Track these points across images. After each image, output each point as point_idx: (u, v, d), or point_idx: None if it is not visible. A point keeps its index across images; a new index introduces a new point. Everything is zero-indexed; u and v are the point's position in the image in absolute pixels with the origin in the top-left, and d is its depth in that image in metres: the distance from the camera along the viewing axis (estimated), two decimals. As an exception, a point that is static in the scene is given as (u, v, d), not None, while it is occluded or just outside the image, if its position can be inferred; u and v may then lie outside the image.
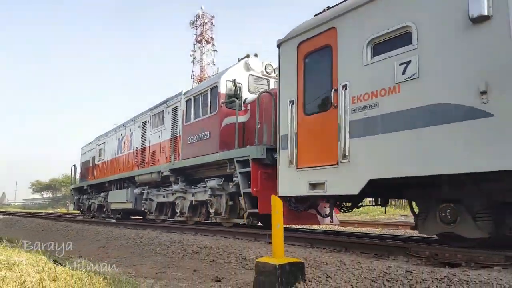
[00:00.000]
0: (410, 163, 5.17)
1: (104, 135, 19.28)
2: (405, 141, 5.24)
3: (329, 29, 6.55)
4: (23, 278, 3.41)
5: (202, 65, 57.88)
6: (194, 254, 7.41)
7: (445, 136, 4.81)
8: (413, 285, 4.20)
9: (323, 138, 6.50)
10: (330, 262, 5.28)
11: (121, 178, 15.89)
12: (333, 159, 6.20)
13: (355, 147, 5.89)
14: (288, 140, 7.10)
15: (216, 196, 10.08)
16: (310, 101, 6.95)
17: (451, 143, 4.75)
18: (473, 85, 4.58)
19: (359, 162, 5.84)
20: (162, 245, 8.51)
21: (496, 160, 4.34)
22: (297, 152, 6.94)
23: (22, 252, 5.49)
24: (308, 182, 6.60)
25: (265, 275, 4.32)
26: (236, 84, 10.16)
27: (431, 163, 4.92)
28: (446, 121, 4.81)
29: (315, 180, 6.51)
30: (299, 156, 6.91)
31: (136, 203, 14.29)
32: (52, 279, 3.67)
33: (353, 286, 4.26)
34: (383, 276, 4.43)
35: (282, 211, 4.56)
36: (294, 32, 7.31)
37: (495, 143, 4.38)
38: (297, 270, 4.46)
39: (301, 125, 6.96)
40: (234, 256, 6.63)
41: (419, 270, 4.44)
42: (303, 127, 6.92)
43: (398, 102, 5.35)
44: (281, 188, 7.24)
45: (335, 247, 6.59)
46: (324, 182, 6.34)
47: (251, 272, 5.47)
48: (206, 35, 58.75)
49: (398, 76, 5.38)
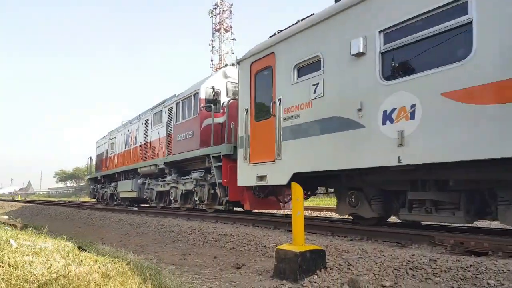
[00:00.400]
0: (321, 161, 6.75)
1: (115, 130, 20.82)
2: (316, 144, 6.83)
3: (270, 53, 8.20)
4: (49, 263, 3.49)
5: (221, 54, 57.74)
6: (214, 241, 7.46)
7: (340, 141, 6.41)
8: (437, 273, 4.12)
9: (266, 140, 8.12)
10: (351, 250, 5.23)
11: (128, 169, 17.67)
12: (272, 156, 7.87)
13: (285, 148, 7.55)
14: (244, 141, 8.80)
15: (200, 185, 11.71)
16: (258, 110, 8.59)
17: (343, 146, 6.34)
18: (355, 104, 6.14)
19: (287, 159, 7.49)
20: (182, 233, 8.60)
21: (365, 160, 5.98)
22: (249, 151, 8.64)
23: (48, 238, 5.61)
24: (256, 175, 8.31)
25: (285, 262, 4.30)
26: (214, 91, 12.00)
27: (351, 160, 6.24)
28: (340, 129, 6.40)
29: (261, 173, 8.21)
30: (251, 154, 8.60)
31: (139, 192, 16.09)
32: (77, 264, 3.74)
33: (375, 274, 4.20)
34: (406, 264, 4.37)
35: (302, 198, 4.53)
36: (249, 53, 8.95)
37: (364, 148, 6.01)
38: (318, 258, 4.43)
39: (252, 129, 8.64)
40: (254, 244, 6.64)
41: (444, 259, 4.36)
42: (254, 131, 8.60)
43: (311, 114, 7.00)
44: (239, 179, 8.98)
45: (357, 235, 6.53)
46: (266, 175, 8.06)
47: (271, 260, 5.47)
48: (224, 24, 58.49)
49: (311, 94, 7.01)
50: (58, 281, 2.96)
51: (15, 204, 32.25)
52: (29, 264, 3.32)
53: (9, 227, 8.26)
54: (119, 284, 3.20)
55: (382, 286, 3.92)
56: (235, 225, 9.00)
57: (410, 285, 3.99)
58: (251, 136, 8.63)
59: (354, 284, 3.84)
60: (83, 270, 3.47)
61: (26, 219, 15.82)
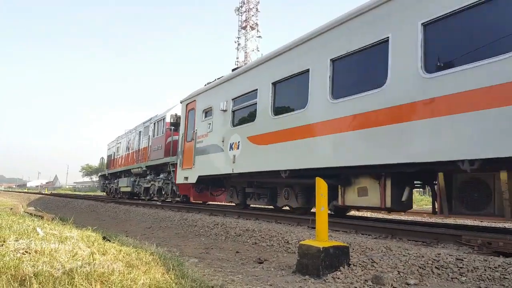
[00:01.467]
0: (211, 169, 11.39)
1: (120, 136, 25.33)
2: (210, 158, 11.45)
3: (193, 100, 13.12)
4: (74, 251, 3.55)
5: (247, 51, 57.71)
6: (236, 236, 7.46)
7: (217, 157, 11.07)
8: (464, 273, 4.01)
9: (189, 154, 12.81)
10: (375, 248, 5.14)
11: (126, 169, 22.18)
12: (191, 165, 12.48)
13: (197, 160, 12.21)
14: (180, 154, 13.62)
15: (166, 184, 16.39)
16: (188, 135, 13.29)
17: (218, 160, 10.95)
18: (222, 138, 10.85)
19: (197, 167, 12.14)
20: (205, 227, 8.65)
21: (226, 170, 10.53)
22: (182, 160, 13.33)
23: (73, 229, 5.71)
24: (184, 176, 12.96)
25: (308, 257, 4.25)
26: (176, 117, 16.57)
27: (219, 170, 10.94)
28: (218, 151, 11.05)
29: (186, 175, 12.85)
30: (183, 162, 13.25)
31: (133, 187, 20.53)
32: (101, 253, 3.79)
33: (400, 272, 4.11)
34: (432, 263, 4.26)
35: (326, 193, 4.47)
36: (185, 98, 13.84)
37: (225, 163, 10.57)
38: (342, 254, 4.36)
39: (184, 147, 13.39)
40: (277, 240, 6.61)
41: (471, 258, 4.23)
42: (185, 148, 13.34)
43: (207, 141, 11.72)
44: (177, 179, 13.64)
45: (381, 233, 6.42)
46: (188, 176, 12.68)
47: (293, 256, 5.43)
48: (251, 21, 58.40)
49: (208, 129, 11.78)
50: (83, 268, 3.00)
51: (42, 197, 33.16)
52: (55, 251, 3.39)
53: (36, 218, 8.47)
54: (142, 273, 3.22)
55: (407, 284, 3.83)
56: (258, 221, 8.99)
57: (435, 284, 3.89)
58: (183, 151, 13.39)
59: (378, 281, 3.76)
60: (107, 259, 3.51)
61: (52, 211, 16.20)
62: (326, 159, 7.42)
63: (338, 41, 7.38)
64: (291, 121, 8.38)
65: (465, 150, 5.19)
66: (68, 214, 14.60)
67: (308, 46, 8.19)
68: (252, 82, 9.92)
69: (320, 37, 7.87)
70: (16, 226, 4.50)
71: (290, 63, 8.61)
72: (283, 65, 8.86)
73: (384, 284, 3.74)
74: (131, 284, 2.86)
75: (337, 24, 7.43)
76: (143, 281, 3.00)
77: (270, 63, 9.40)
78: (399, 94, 6.10)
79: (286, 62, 8.80)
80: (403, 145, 5.95)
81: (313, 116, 7.84)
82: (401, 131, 6.00)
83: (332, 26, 7.56)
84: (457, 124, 5.26)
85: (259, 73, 9.78)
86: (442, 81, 5.50)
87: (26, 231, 4.12)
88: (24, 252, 3.23)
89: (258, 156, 9.25)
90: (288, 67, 8.65)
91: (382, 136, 6.28)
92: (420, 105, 5.76)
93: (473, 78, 5.15)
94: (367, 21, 6.81)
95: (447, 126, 5.37)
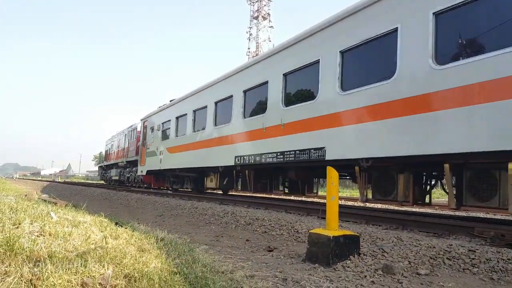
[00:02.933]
0: (154, 166, 17.78)
1: (114, 136, 31.09)
2: (153, 159, 18.08)
3: (146, 120, 19.82)
4: (87, 234, 3.60)
5: (258, 41, 57.43)
6: (246, 225, 7.50)
7: (153, 159, 18.19)
8: (476, 264, 3.98)
9: (143, 155, 19.32)
10: (386, 238, 5.13)
11: (116, 163, 28.55)
12: (144, 162, 19.14)
13: (147, 160, 18.70)
14: (140, 154, 20.12)
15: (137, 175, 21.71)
16: (144, 143, 19.46)
17: (154, 161, 18.05)
18: (157, 147, 17.74)
19: (147, 164, 18.73)
20: (215, 216, 8.70)
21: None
22: (141, 159, 19.70)
23: (86, 214, 5.78)
24: (141, 170, 19.64)
25: (318, 246, 4.25)
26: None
27: (154, 167, 17.75)
28: (154, 155, 17.92)
29: (141, 169, 19.55)
30: (141, 160, 19.72)
31: (119, 176, 27.36)
32: (114, 237, 3.84)
33: (411, 262, 4.09)
34: (443, 254, 4.23)
35: (337, 183, 4.45)
36: (144, 117, 20.39)
37: (158, 163, 17.47)
38: (352, 243, 4.35)
39: (142, 150, 19.80)
40: (286, 229, 6.63)
41: (483, 250, 4.20)
42: (142, 151, 19.62)
43: (151, 148, 18.37)
44: (138, 172, 20.27)
45: (392, 224, 6.40)
46: (142, 170, 19.39)
47: (303, 245, 5.45)
48: (262, 11, 58.02)
49: (152, 140, 18.46)
50: (96, 251, 3.04)
51: (56, 185, 33.64)
52: (69, 234, 3.44)
53: (50, 204, 8.59)
54: (154, 257, 3.26)
55: (418, 274, 3.82)
56: (267, 210, 9.01)
57: (446, 274, 3.87)
58: (141, 153, 19.72)
59: (389, 270, 3.75)
60: (119, 243, 3.56)
61: (65, 199, 16.41)
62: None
63: None
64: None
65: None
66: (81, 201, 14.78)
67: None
68: (171, 113, 16.28)
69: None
70: (30, 210, 4.58)
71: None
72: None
73: (394, 273, 3.73)
74: (143, 267, 2.90)
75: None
76: (155, 265, 3.04)
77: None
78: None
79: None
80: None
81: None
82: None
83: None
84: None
85: (176, 108, 15.89)
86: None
87: (41, 215, 4.18)
88: (39, 235, 3.28)
89: (172, 159, 15.67)
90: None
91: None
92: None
93: None
94: None
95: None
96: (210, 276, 3.07)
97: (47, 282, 2.35)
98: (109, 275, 2.62)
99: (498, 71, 4.90)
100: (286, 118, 8.82)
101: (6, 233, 3.00)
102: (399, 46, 6.24)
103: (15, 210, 4.35)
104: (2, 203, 4.94)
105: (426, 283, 3.56)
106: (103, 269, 2.72)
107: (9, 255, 2.59)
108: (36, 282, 2.34)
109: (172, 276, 2.89)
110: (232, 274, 3.34)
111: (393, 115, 6.20)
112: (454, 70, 5.42)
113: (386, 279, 3.65)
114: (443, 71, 5.52)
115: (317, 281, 3.42)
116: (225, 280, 3.10)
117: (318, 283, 3.38)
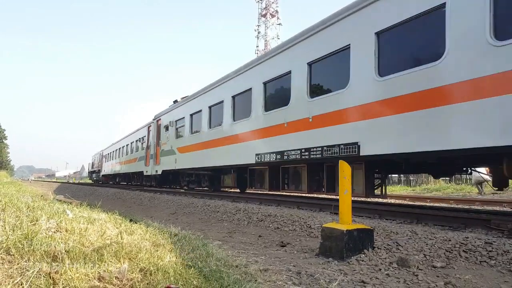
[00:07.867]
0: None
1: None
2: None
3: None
4: (103, 231, 3.64)
5: (267, 39, 57.35)
6: (258, 221, 7.51)
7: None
8: (493, 256, 3.93)
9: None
10: (400, 232, 5.09)
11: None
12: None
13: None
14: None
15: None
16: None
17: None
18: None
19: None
20: (228, 213, 8.73)
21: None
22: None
23: (101, 212, 5.85)
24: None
25: (331, 240, 4.24)
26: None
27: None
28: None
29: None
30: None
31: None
32: (128, 233, 3.88)
33: (426, 255, 4.06)
34: (459, 246, 4.19)
35: (350, 176, 4.43)
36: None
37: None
38: (366, 237, 4.33)
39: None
40: (299, 225, 6.62)
41: (501, 242, 4.15)
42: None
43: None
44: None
45: (406, 218, 6.35)
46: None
47: (316, 240, 5.44)
48: (271, 8, 57.92)
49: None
50: (112, 246, 3.08)
51: (70, 186, 34.04)
52: (85, 230, 3.48)
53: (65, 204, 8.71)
54: (168, 252, 3.28)
55: (433, 267, 3.78)
56: (279, 207, 9.01)
57: (463, 267, 3.83)
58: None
59: (404, 263, 3.73)
60: (134, 238, 3.60)
61: (80, 199, 16.57)
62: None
63: None
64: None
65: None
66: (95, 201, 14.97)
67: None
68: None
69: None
70: (47, 208, 4.65)
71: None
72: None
73: (410, 266, 3.70)
74: (158, 261, 2.93)
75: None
76: (169, 259, 3.07)
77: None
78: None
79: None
80: None
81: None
82: None
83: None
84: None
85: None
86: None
87: (57, 213, 4.25)
88: (56, 231, 3.33)
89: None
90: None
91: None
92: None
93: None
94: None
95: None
96: (224, 269, 3.09)
97: (65, 276, 2.39)
98: (125, 269, 2.65)
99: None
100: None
101: (24, 229, 3.05)
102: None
103: (32, 208, 4.42)
104: (20, 201, 5.03)
105: (442, 275, 3.53)
106: (119, 263, 2.76)
107: (28, 250, 2.64)
108: (54, 276, 2.38)
109: (187, 269, 2.91)
110: (246, 268, 3.35)
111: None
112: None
113: (401, 271, 3.63)
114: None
115: (331, 274, 3.42)
116: (239, 273, 3.11)
117: (332, 276, 3.37)
